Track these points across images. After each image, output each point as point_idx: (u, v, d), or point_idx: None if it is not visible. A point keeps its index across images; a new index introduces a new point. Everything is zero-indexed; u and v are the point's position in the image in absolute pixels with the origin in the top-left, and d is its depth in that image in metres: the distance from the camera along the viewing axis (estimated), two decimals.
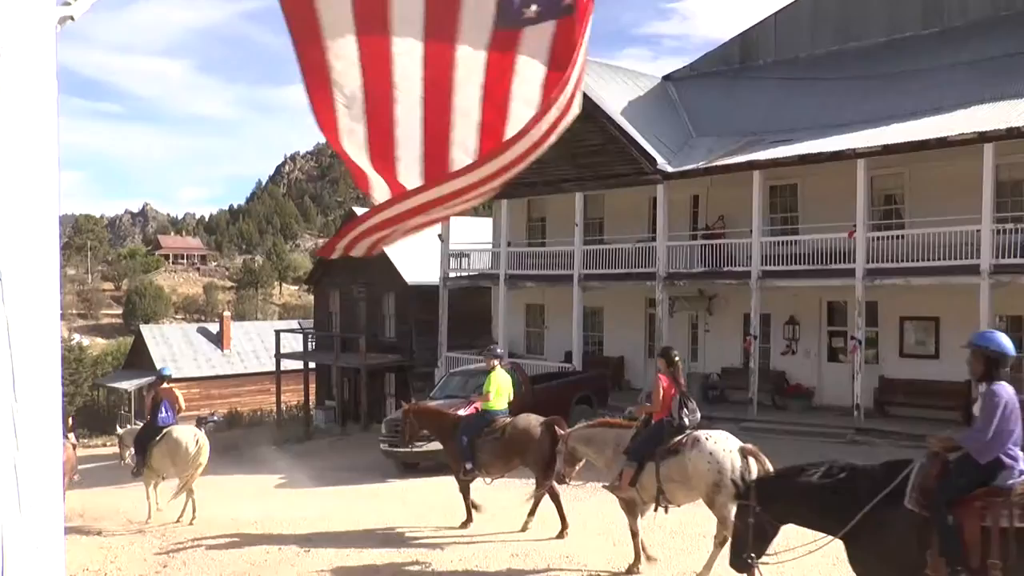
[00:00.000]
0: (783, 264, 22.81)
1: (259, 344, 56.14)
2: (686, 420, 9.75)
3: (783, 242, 23.16)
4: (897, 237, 20.96)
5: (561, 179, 27.07)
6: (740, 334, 25.16)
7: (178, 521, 13.97)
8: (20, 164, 1.99)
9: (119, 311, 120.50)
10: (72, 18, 2.37)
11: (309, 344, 38.38)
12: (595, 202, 28.50)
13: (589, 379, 23.25)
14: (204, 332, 57.20)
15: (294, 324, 56.12)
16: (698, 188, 26.28)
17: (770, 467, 8.67)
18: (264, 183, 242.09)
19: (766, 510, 6.87)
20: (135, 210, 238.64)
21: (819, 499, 6.60)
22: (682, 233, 26.05)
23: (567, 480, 11.15)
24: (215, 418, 44.49)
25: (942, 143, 19.69)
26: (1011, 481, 5.83)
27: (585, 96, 19.83)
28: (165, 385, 15.13)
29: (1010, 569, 5.60)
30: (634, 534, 10.10)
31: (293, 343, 42.17)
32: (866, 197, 21.26)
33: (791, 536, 7.04)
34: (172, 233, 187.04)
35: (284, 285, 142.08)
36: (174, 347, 54.14)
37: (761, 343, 23.54)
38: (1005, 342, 6.20)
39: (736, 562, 7.13)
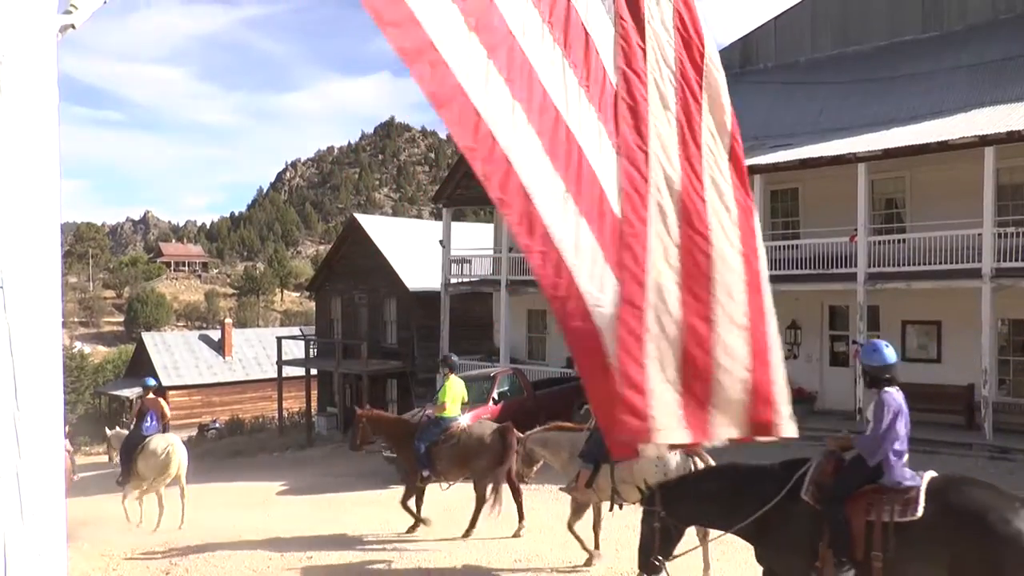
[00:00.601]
0: (784, 268, 22.78)
1: (260, 351, 56.17)
2: None
3: (784, 246, 23.14)
4: (898, 241, 20.94)
5: None
6: None
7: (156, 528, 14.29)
8: (21, 172, 1.99)
9: (121, 319, 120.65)
10: (73, 26, 2.38)
11: (311, 351, 38.37)
12: None
13: None
14: (206, 339, 57.21)
15: (296, 331, 56.14)
16: None
17: (713, 464, 9.02)
18: (265, 190, 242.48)
19: (671, 513, 7.32)
20: (136, 218, 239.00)
21: (722, 499, 7.10)
22: None
23: (527, 480, 11.94)
24: (217, 425, 44.48)
25: (943, 147, 19.68)
26: (895, 479, 6.33)
27: None
28: (150, 396, 15.44)
29: (889, 561, 6.11)
30: (570, 527, 10.63)
31: (295, 350, 42.21)
32: (867, 201, 21.25)
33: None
34: (173, 240, 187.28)
35: (285, 292, 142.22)
36: (176, 354, 54.16)
37: None
38: (888, 353, 6.71)
39: (644, 564, 7.46)
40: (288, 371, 38.18)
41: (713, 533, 7.58)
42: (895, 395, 6.60)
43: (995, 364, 19.81)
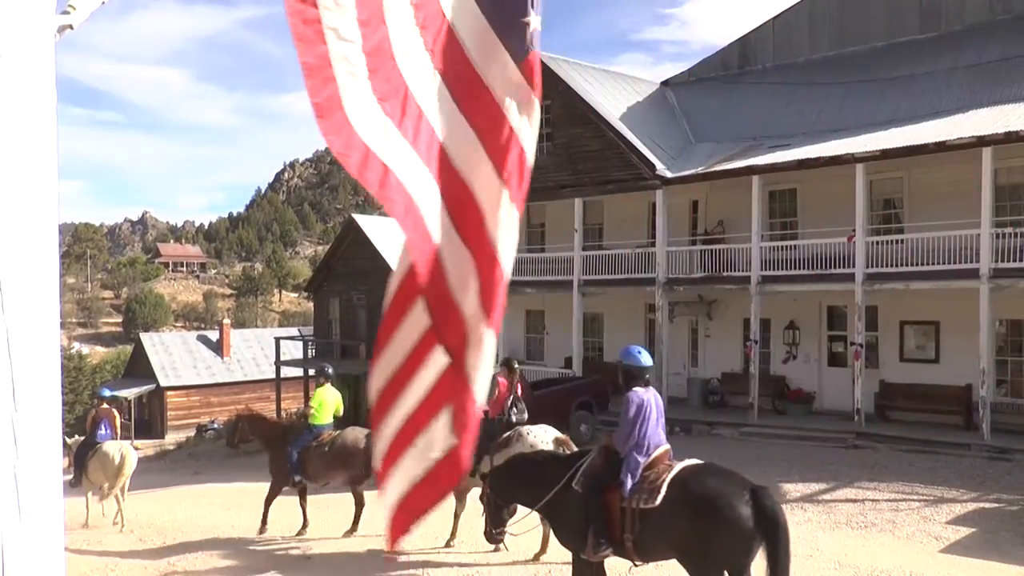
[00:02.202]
0: (783, 269, 22.80)
1: (259, 351, 56.13)
2: (514, 418, 11.72)
3: (783, 247, 23.16)
4: (896, 241, 20.95)
5: (560, 185, 27.10)
6: (740, 339, 25.16)
7: (116, 524, 14.75)
8: (19, 173, 1.99)
9: (119, 319, 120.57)
10: (71, 27, 2.38)
11: (309, 351, 38.33)
12: (594, 208, 28.51)
13: (589, 385, 23.24)
14: (204, 340, 57.17)
15: (294, 331, 56.16)
16: (697, 193, 26.29)
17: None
18: (263, 190, 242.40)
19: (497, 494, 8.59)
20: (135, 218, 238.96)
21: (526, 483, 8.20)
22: (681, 238, 26.06)
23: None
24: (215, 426, 44.46)
25: (941, 147, 19.70)
26: (627, 472, 7.14)
27: (584, 102, 19.94)
28: (104, 406, 16.30)
29: (637, 541, 7.05)
30: (456, 516, 11.66)
31: (293, 350, 42.15)
32: (865, 201, 21.26)
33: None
34: (172, 241, 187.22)
35: (284, 292, 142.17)
36: (174, 355, 54.13)
37: (761, 348, 23.53)
38: (643, 358, 7.57)
39: (487, 536, 8.97)
40: (286, 371, 38.16)
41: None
42: (640, 393, 7.39)
43: (993, 364, 19.83)
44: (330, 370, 13.91)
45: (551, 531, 8.38)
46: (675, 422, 23.61)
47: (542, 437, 10.77)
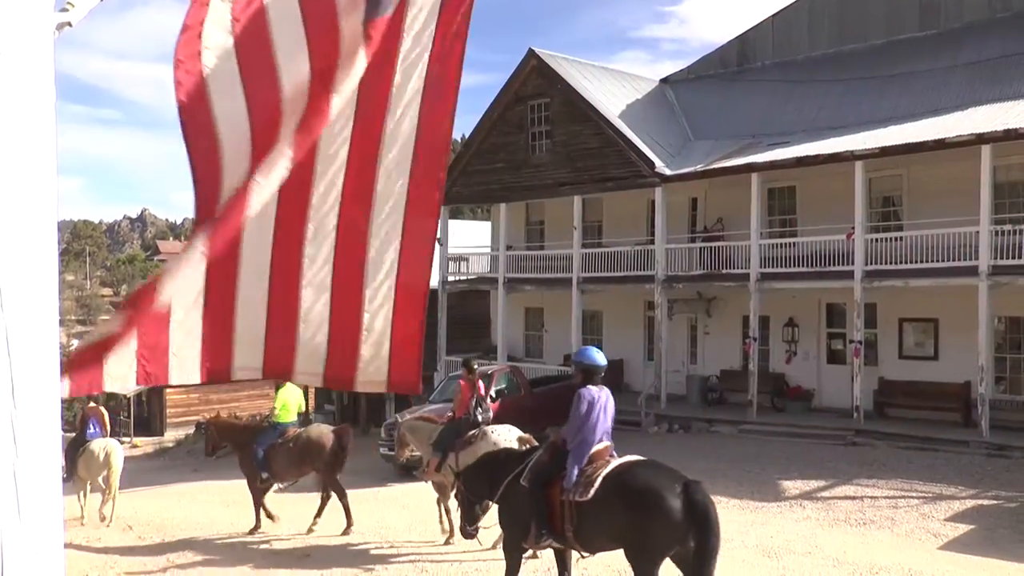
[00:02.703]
0: (782, 266, 22.80)
1: None
2: (479, 417, 12.30)
3: (782, 244, 23.15)
4: (896, 239, 20.95)
5: (559, 182, 27.08)
6: (739, 336, 25.15)
7: (105, 522, 14.90)
8: (18, 170, 1.99)
9: None
10: (70, 24, 2.38)
11: None
12: (593, 205, 28.49)
13: None
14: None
15: None
16: (696, 191, 26.28)
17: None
18: None
19: (468, 490, 9.04)
20: (134, 216, 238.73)
21: (488, 479, 8.65)
22: (680, 236, 26.06)
23: (401, 460, 13.66)
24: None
25: (940, 145, 19.69)
26: (571, 467, 7.55)
27: (583, 99, 19.90)
28: (91, 405, 16.85)
29: (577, 533, 7.48)
30: (447, 511, 11.91)
31: None
32: (864, 199, 21.26)
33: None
34: (171, 238, 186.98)
35: None
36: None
37: (760, 345, 23.53)
38: (597, 357, 8.04)
39: (462, 531, 9.39)
40: None
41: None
42: (593, 391, 7.79)
43: (991, 361, 19.83)
44: None
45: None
46: (674, 419, 23.64)
47: (505, 436, 11.22)
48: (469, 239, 33.45)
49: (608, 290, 26.95)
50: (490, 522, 9.16)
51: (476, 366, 13.23)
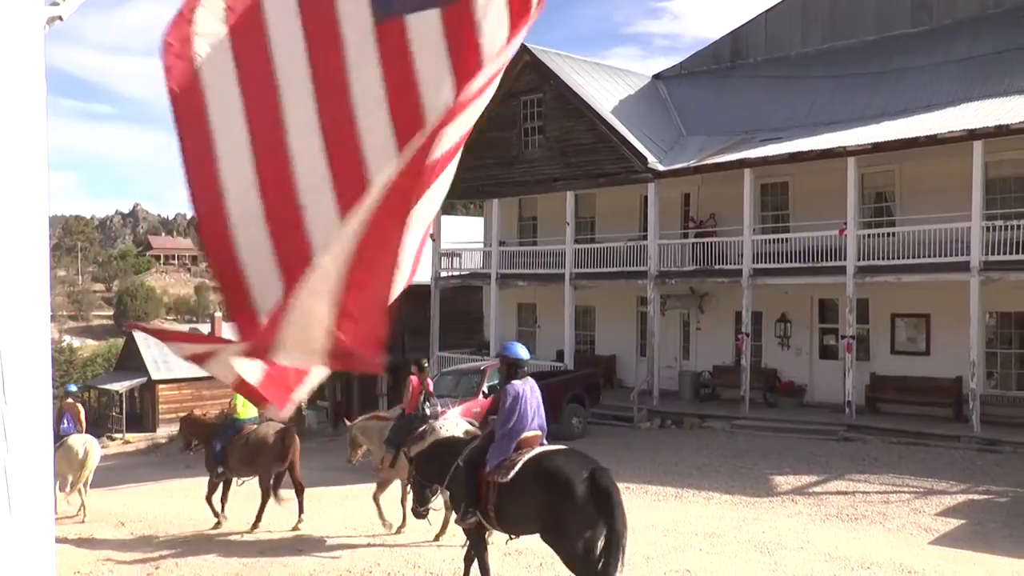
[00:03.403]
0: (774, 262, 22.84)
1: None
2: (428, 411, 12.92)
3: (774, 240, 23.19)
4: (888, 234, 21.00)
5: (552, 178, 27.08)
6: (731, 332, 25.20)
7: (77, 516, 15.23)
8: (9, 165, 1.98)
9: (110, 312, 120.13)
10: (60, 18, 2.37)
11: None
12: (586, 201, 28.50)
13: (581, 378, 23.26)
14: (196, 333, 57.03)
15: None
16: (689, 186, 26.30)
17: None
18: None
19: (419, 475, 9.81)
20: (126, 211, 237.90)
21: (437, 464, 9.34)
22: (673, 231, 26.08)
23: (352, 462, 14.03)
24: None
25: (932, 141, 19.75)
26: (495, 453, 8.13)
27: (575, 95, 19.95)
28: (69, 401, 17.08)
29: (497, 512, 8.08)
30: (375, 499, 12.58)
31: None
32: (857, 195, 21.30)
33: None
34: (163, 234, 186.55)
35: None
36: (165, 348, 53.69)
37: (753, 341, 23.57)
38: (520, 351, 8.53)
39: (414, 512, 10.16)
40: None
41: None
42: (518, 385, 8.27)
43: (983, 357, 19.89)
44: None
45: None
46: (667, 415, 23.67)
47: (453, 429, 11.52)
48: (462, 235, 33.43)
49: (601, 286, 26.97)
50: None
51: (425, 364, 13.91)
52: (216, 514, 13.91)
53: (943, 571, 10.09)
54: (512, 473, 7.84)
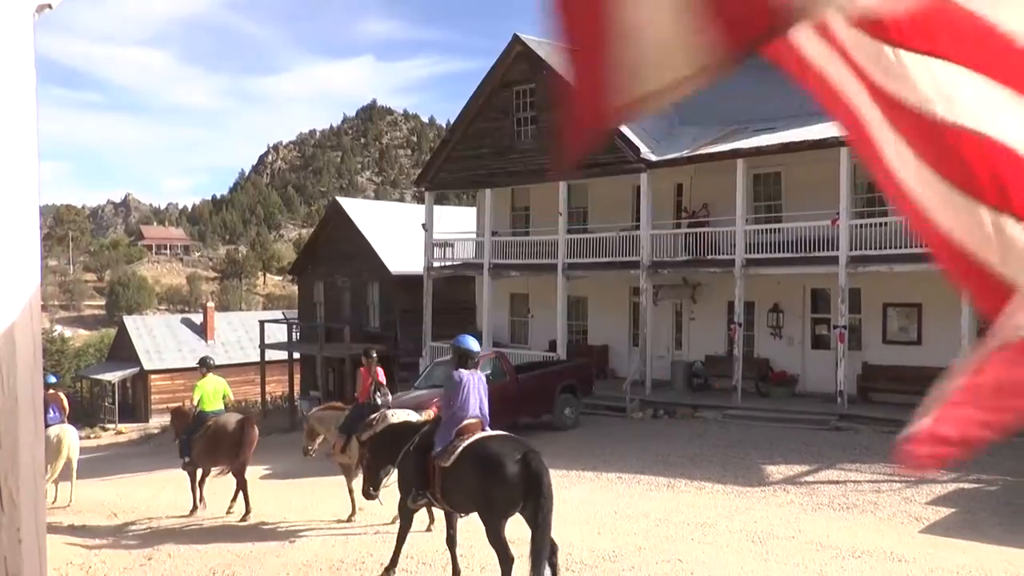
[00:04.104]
0: (767, 252, 22.88)
1: (243, 335, 55.93)
2: (379, 401, 13.45)
3: (767, 230, 23.23)
4: (880, 224, 21.04)
5: (545, 168, 27.05)
6: (724, 322, 25.25)
7: (52, 503, 15.57)
8: None
9: (102, 302, 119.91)
10: (50, 6, 2.35)
11: (293, 334, 38.22)
12: (579, 191, 28.49)
13: (574, 368, 23.29)
14: (188, 323, 56.92)
15: (278, 314, 55.89)
16: (682, 177, 26.30)
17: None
18: (247, 173, 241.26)
19: (373, 457, 10.36)
20: (117, 200, 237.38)
21: (390, 448, 9.86)
22: (666, 222, 26.09)
23: (310, 452, 14.28)
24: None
25: None
26: (440, 439, 8.71)
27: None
28: (51, 391, 16.94)
29: (443, 493, 8.73)
30: (351, 491, 12.98)
31: (277, 333, 41.99)
32: (849, 185, 21.33)
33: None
34: (155, 223, 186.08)
35: (268, 275, 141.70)
36: (158, 338, 53.89)
37: (745, 331, 23.62)
38: (471, 344, 9.17)
39: (364, 493, 10.70)
40: (271, 355, 38.05)
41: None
42: (464, 374, 8.88)
43: (975, 346, 19.93)
44: (212, 360, 15.32)
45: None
46: (659, 405, 23.72)
47: (404, 417, 11.84)
48: (454, 225, 33.39)
49: (593, 276, 26.98)
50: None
51: (374, 355, 14.45)
52: (194, 500, 14.40)
53: (933, 559, 10.14)
54: (453, 457, 8.48)
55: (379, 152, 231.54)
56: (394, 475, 10.16)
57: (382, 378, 14.24)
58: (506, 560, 8.09)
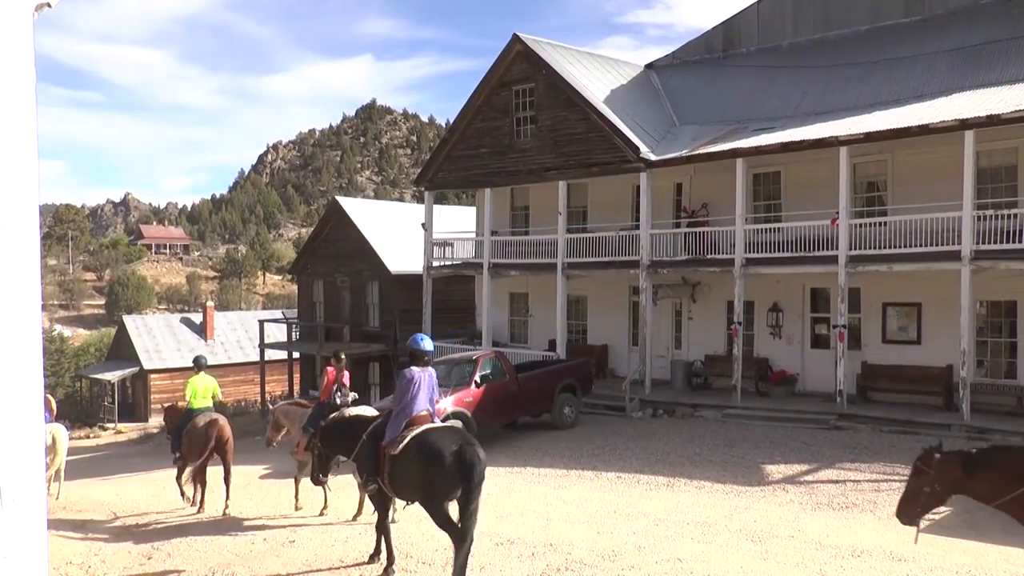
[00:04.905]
0: (766, 251, 22.88)
1: (243, 334, 55.94)
2: (339, 400, 13.77)
3: (766, 229, 23.22)
4: (879, 224, 21.04)
5: (544, 167, 27.06)
6: (723, 321, 25.25)
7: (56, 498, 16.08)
8: None
9: (101, 301, 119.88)
10: (49, 5, 2.35)
11: (293, 334, 38.22)
12: (578, 190, 28.50)
13: (573, 367, 23.28)
14: (187, 322, 56.91)
15: (278, 314, 55.90)
16: (681, 176, 26.31)
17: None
18: (247, 172, 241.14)
19: (325, 446, 10.85)
20: (117, 200, 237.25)
21: (344, 439, 10.48)
22: (665, 221, 26.09)
23: (273, 444, 15.10)
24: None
25: (924, 130, 19.77)
26: (391, 430, 9.40)
27: (568, 84, 19.94)
28: None
29: (391, 479, 9.35)
30: (296, 481, 13.84)
31: (277, 333, 42.00)
32: (849, 184, 21.33)
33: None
34: (154, 223, 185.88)
35: (267, 275, 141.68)
36: (157, 337, 53.87)
37: (744, 330, 23.62)
38: (424, 344, 9.77)
39: (313, 479, 11.35)
40: (270, 354, 38.06)
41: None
42: (415, 371, 9.54)
43: (973, 345, 19.97)
44: (204, 360, 15.90)
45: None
46: (659, 404, 23.72)
47: (357, 413, 12.21)
48: (453, 224, 33.40)
49: (593, 275, 26.98)
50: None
51: (343, 357, 14.94)
52: (182, 494, 15.09)
53: (933, 559, 10.14)
54: (400, 446, 9.15)
55: (379, 151, 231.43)
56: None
57: (346, 380, 14.64)
58: (457, 535, 8.66)
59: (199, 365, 15.50)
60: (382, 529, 10.04)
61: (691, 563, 9.75)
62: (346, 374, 14.78)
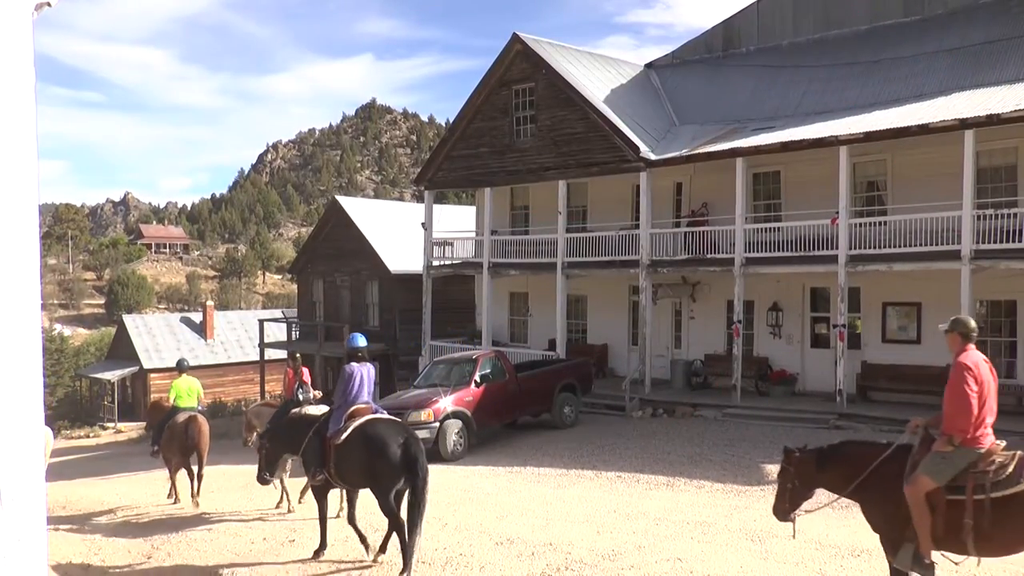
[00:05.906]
0: (766, 251, 22.88)
1: (243, 333, 55.96)
2: (300, 398, 14.28)
3: (766, 229, 23.22)
4: (879, 223, 21.04)
5: (544, 167, 27.06)
6: (723, 321, 25.24)
7: None
8: None
9: (101, 301, 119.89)
10: (49, 4, 2.35)
11: (293, 333, 38.22)
12: (578, 190, 28.50)
13: (573, 367, 23.28)
14: (187, 322, 56.92)
15: (278, 313, 55.93)
16: (681, 175, 26.31)
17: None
18: (247, 172, 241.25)
19: (272, 445, 11.41)
20: (117, 199, 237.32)
21: (291, 436, 11.04)
22: (665, 220, 26.08)
23: (249, 443, 15.59)
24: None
25: (923, 130, 19.77)
26: (332, 424, 10.02)
27: (567, 84, 19.96)
28: None
29: (336, 469, 9.90)
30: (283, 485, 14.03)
31: (277, 332, 42.00)
32: (848, 184, 21.33)
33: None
34: (154, 222, 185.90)
35: (267, 274, 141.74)
36: (157, 337, 53.88)
37: (744, 329, 23.61)
38: (359, 342, 10.52)
39: (259, 478, 11.79)
40: (270, 354, 38.07)
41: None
42: (355, 366, 10.15)
43: None
44: (187, 363, 16.48)
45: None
46: (659, 404, 23.72)
47: (319, 412, 12.51)
48: (453, 224, 33.40)
49: (593, 275, 26.98)
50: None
51: (298, 356, 15.89)
52: (172, 491, 15.45)
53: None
54: (343, 436, 9.66)
55: (378, 151, 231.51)
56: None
57: (307, 378, 15.23)
58: (397, 525, 9.31)
59: (181, 368, 16.04)
60: (319, 516, 10.60)
61: (691, 562, 9.75)
62: (305, 372, 15.45)
